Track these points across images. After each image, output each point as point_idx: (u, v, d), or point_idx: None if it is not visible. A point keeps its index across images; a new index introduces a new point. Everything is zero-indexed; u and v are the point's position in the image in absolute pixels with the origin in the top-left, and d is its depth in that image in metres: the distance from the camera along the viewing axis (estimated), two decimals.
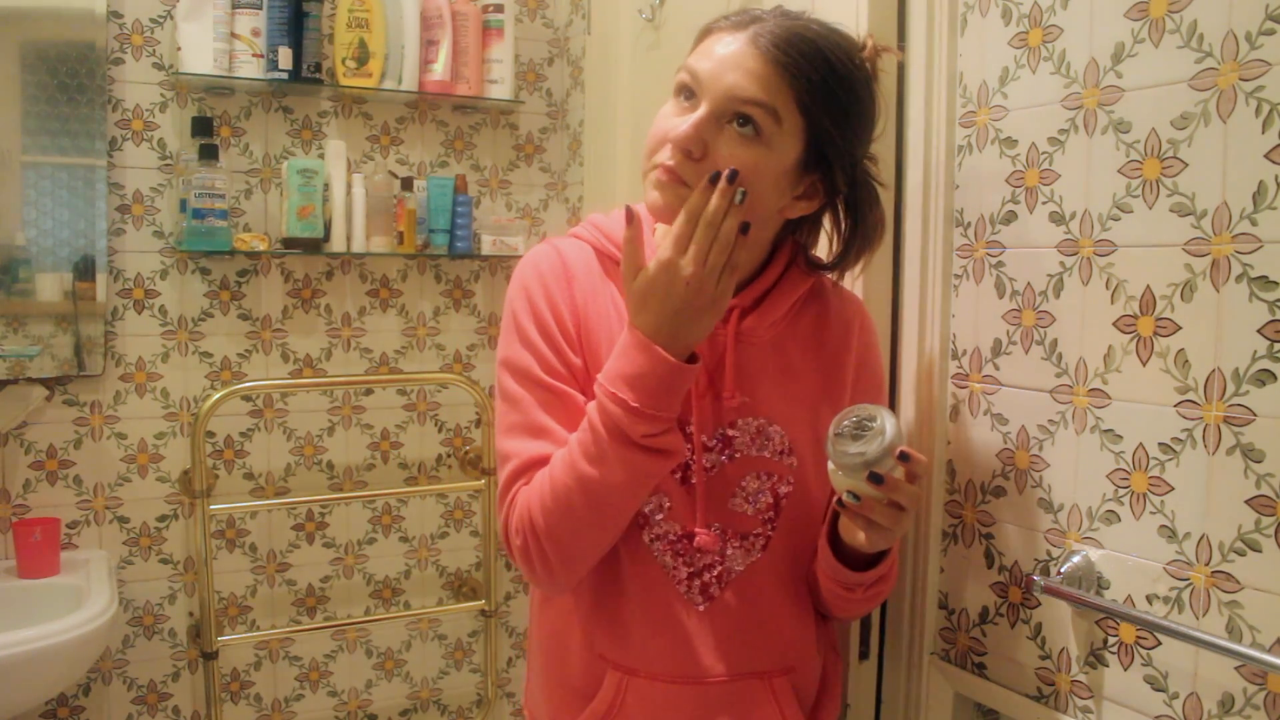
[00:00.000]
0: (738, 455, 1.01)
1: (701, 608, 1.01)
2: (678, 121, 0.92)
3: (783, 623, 1.04)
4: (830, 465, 0.91)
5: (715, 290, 0.89)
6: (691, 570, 1.01)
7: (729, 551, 1.01)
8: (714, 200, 0.88)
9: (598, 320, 1.01)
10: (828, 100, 0.92)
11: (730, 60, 0.91)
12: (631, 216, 0.90)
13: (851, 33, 0.97)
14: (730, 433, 1.01)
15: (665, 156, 0.93)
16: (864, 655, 1.26)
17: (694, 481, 1.00)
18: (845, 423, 0.90)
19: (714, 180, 0.88)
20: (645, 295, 0.89)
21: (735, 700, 1.03)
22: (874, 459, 0.87)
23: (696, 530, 0.99)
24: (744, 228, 0.89)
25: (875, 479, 0.87)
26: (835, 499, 0.94)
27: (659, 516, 1.00)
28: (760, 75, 0.90)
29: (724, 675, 1.02)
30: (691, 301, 0.88)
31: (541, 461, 0.96)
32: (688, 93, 0.94)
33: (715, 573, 1.01)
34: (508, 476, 0.98)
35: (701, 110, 0.91)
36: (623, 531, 0.98)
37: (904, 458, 0.88)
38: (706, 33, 0.96)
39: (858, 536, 0.95)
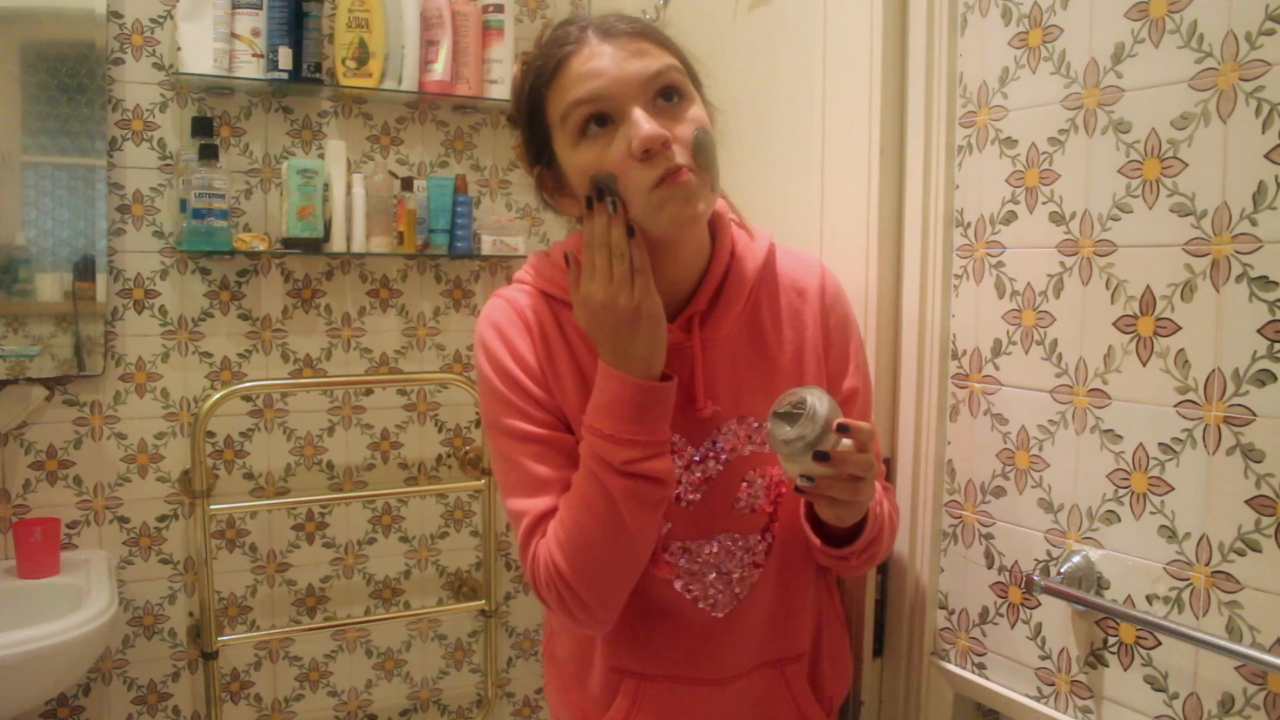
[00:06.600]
0: (731, 459, 1.02)
1: (720, 614, 1.03)
2: (624, 142, 0.90)
3: (794, 611, 1.07)
4: (780, 460, 0.91)
5: (632, 300, 0.90)
6: (705, 583, 1.02)
7: (738, 555, 1.03)
8: (596, 220, 0.90)
9: (561, 359, 1.00)
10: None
11: (614, 61, 0.91)
12: (569, 262, 0.94)
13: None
14: (718, 441, 1.01)
15: (649, 176, 0.90)
16: (878, 652, 1.26)
17: (687, 500, 1.01)
18: (778, 412, 0.90)
19: (589, 204, 0.91)
20: (589, 330, 0.93)
21: (749, 692, 1.05)
22: (815, 439, 0.87)
23: (701, 544, 1.02)
24: (630, 231, 0.91)
25: (821, 457, 0.87)
26: (794, 486, 0.93)
27: (662, 533, 1.02)
28: (643, 49, 0.92)
29: (739, 671, 1.04)
30: (617, 319, 0.90)
31: (550, 513, 0.97)
32: (597, 119, 0.91)
33: (730, 580, 1.03)
34: (522, 535, 0.99)
35: (637, 110, 0.90)
36: (648, 556, 0.98)
37: (844, 429, 0.88)
38: (560, 64, 0.93)
39: (829, 515, 0.95)
